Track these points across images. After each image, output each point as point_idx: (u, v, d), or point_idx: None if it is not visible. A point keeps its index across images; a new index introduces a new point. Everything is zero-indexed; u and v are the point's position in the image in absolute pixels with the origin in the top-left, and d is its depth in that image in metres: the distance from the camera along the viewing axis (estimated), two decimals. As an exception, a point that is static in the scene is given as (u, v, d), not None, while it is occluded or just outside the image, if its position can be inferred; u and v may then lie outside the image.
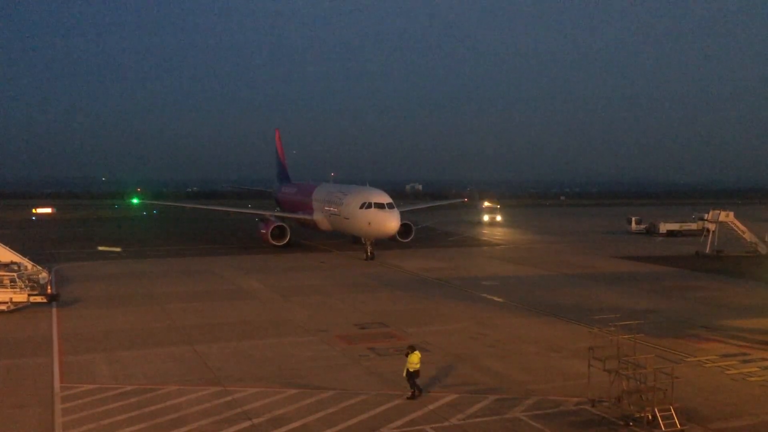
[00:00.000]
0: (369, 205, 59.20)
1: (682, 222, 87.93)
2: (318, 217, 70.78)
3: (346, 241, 73.37)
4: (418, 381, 24.37)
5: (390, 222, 58.27)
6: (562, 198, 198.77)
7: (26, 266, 41.69)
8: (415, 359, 24.18)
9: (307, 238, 75.82)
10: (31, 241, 70.79)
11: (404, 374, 24.34)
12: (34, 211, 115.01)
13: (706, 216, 70.24)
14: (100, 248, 65.70)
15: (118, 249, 65.62)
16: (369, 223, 58.74)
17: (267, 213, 77.00)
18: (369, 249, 60.51)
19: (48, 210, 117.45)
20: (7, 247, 42.65)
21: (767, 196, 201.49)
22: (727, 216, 67.12)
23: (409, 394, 24.15)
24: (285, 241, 67.15)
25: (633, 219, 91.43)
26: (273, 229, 67.25)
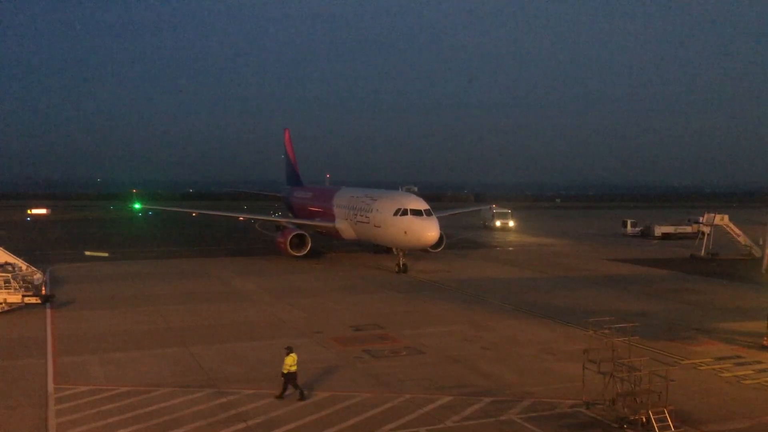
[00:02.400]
0: (404, 212, 52.71)
1: (677, 225, 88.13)
2: (341, 224, 63.61)
3: (369, 250, 67.54)
4: (299, 382, 24.54)
5: (429, 231, 51.95)
6: (557, 200, 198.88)
7: (20, 267, 41.52)
8: (290, 360, 24.34)
9: (325, 247, 69.50)
10: (25, 242, 70.56)
11: (281, 375, 24.52)
12: (28, 211, 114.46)
13: (701, 219, 70.48)
14: (87, 253, 63.89)
15: (105, 254, 63.51)
16: (405, 233, 52.41)
17: (283, 219, 71.04)
18: (401, 261, 54.74)
19: (43, 211, 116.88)
20: (2, 248, 42.51)
21: (762, 199, 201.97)
22: (722, 219, 67.34)
23: (278, 393, 24.31)
24: (306, 251, 60.64)
25: (628, 222, 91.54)
26: (292, 238, 60.75)
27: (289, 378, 24.30)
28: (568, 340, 33.17)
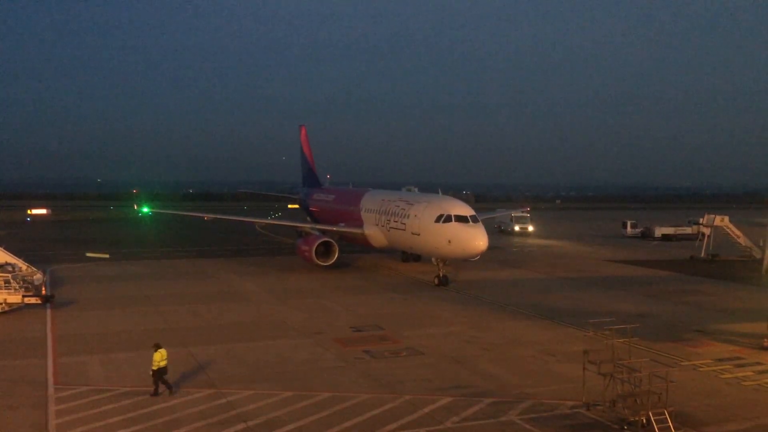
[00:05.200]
0: (448, 218, 47.11)
1: (677, 226, 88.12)
2: (370, 230, 57.72)
3: (396, 257, 63.65)
4: (167, 377, 24.87)
5: (477, 240, 45.99)
6: (558, 201, 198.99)
7: (21, 267, 41.54)
8: (158, 357, 24.56)
9: (350, 253, 64.52)
10: (25, 242, 70.53)
11: (151, 372, 24.73)
12: (29, 212, 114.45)
13: (701, 220, 70.52)
14: (89, 254, 63.42)
15: (106, 255, 62.79)
16: (449, 242, 46.75)
17: (306, 225, 65.53)
18: (441, 271, 49.33)
19: (43, 211, 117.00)
20: (2, 248, 42.53)
21: (762, 200, 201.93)
22: (722, 220, 67.38)
23: (152, 391, 24.49)
24: (333, 260, 55.02)
25: (628, 223, 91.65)
26: (318, 246, 54.98)
27: (159, 374, 24.52)
28: (568, 341, 33.16)
